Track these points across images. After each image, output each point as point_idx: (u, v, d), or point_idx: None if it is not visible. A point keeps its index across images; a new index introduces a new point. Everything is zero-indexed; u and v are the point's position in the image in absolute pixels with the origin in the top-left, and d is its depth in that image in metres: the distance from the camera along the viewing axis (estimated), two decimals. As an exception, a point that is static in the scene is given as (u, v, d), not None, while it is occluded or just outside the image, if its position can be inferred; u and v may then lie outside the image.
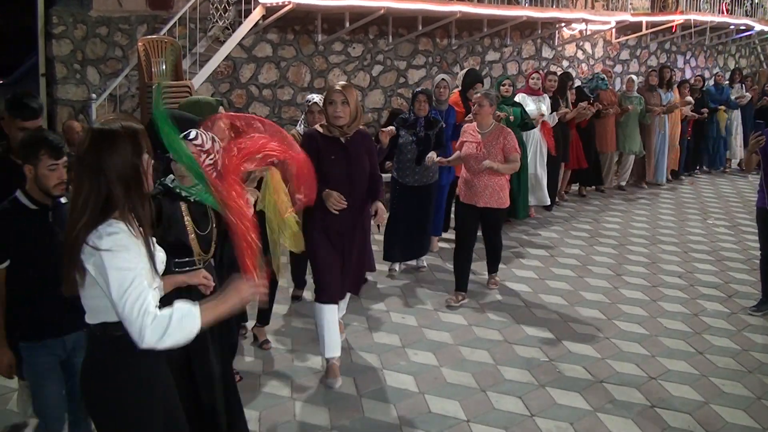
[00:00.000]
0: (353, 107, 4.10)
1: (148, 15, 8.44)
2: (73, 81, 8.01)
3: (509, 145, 5.50)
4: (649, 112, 9.79)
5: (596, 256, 7.04)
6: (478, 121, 5.56)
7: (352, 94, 4.12)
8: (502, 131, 5.57)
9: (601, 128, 9.49)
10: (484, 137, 5.53)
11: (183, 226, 3.05)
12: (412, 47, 10.73)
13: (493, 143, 5.50)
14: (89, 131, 2.26)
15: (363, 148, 4.24)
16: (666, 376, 4.51)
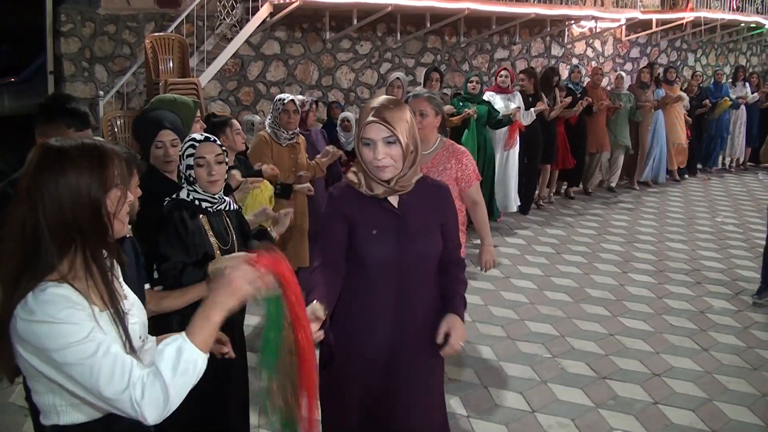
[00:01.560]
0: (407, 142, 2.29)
1: (156, 13, 8.50)
2: (81, 79, 8.07)
3: (466, 172, 3.76)
4: (640, 109, 9.60)
5: (603, 253, 7.00)
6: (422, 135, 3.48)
7: (403, 121, 2.29)
8: (453, 151, 3.78)
9: (593, 127, 9.18)
10: (426, 161, 3.71)
11: (208, 242, 2.78)
12: (421, 45, 10.73)
13: (441, 171, 3.73)
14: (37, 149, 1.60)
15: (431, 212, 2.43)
16: (670, 373, 4.48)
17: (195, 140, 2.80)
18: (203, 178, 2.76)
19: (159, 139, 3.05)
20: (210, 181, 2.76)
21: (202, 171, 2.75)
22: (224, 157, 2.83)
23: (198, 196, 2.80)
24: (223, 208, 2.89)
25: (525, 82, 8.12)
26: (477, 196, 3.85)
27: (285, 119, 4.83)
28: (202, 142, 2.79)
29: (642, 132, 9.78)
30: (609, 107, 9.17)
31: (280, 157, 4.78)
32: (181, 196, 2.82)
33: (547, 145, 8.39)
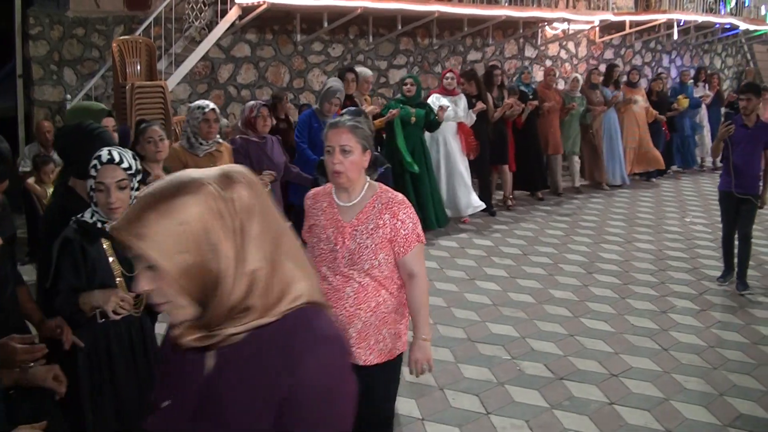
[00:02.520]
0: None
1: (125, 15, 8.45)
2: (49, 82, 8.01)
3: (403, 232, 2.75)
4: (590, 112, 9.50)
5: (569, 254, 7.03)
6: (340, 182, 2.75)
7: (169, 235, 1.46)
8: (387, 202, 2.77)
9: (545, 129, 9.12)
10: (351, 216, 2.78)
11: (108, 268, 2.60)
12: (393, 47, 10.74)
13: (371, 230, 2.74)
14: None
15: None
16: (628, 373, 4.49)
17: (99, 161, 2.58)
18: (102, 204, 2.57)
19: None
20: (110, 208, 2.55)
21: (102, 196, 2.56)
22: (129, 181, 2.61)
23: (101, 219, 2.61)
24: None
25: (465, 85, 8.06)
26: (416, 265, 2.79)
27: (205, 129, 4.52)
28: (104, 165, 2.57)
29: (596, 135, 9.74)
30: (562, 108, 9.13)
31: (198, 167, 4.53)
32: (85, 216, 2.64)
33: (498, 146, 8.31)
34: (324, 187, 2.93)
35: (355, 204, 2.79)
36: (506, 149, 8.48)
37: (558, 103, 9.17)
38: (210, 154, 4.57)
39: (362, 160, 2.75)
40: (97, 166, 2.57)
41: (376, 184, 2.87)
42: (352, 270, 2.73)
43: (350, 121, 2.75)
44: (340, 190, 2.80)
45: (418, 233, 2.78)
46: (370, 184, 2.84)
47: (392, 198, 2.80)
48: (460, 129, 7.79)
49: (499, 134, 8.34)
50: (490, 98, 8.14)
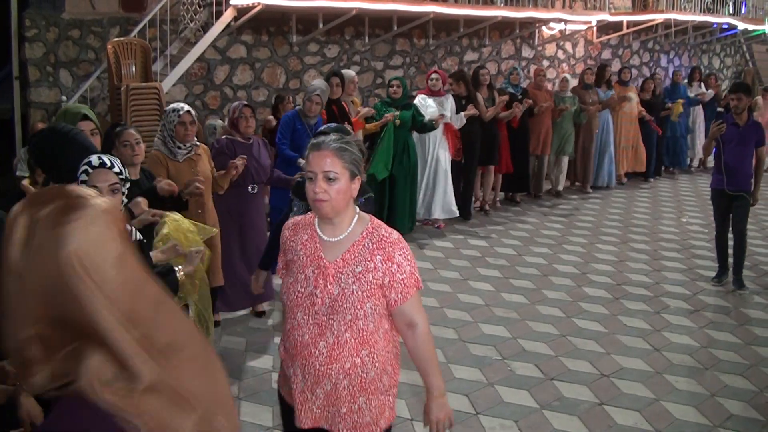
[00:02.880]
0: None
1: (121, 17, 8.45)
2: (46, 84, 8.02)
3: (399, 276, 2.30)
4: (584, 112, 9.39)
5: (564, 254, 7.02)
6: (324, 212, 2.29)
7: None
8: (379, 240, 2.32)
9: (536, 129, 9.03)
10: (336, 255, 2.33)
11: None
12: (389, 48, 10.74)
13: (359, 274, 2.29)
14: None
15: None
16: (619, 373, 4.49)
17: (90, 165, 2.56)
18: None
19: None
20: None
21: None
22: (122, 185, 2.60)
23: None
24: None
25: (454, 86, 8.00)
26: (416, 314, 2.37)
27: (182, 132, 4.38)
28: (95, 169, 2.55)
29: (586, 135, 9.65)
30: (553, 109, 9.06)
31: (178, 173, 4.33)
32: None
33: (488, 147, 8.21)
34: (305, 217, 2.47)
35: (341, 240, 2.33)
36: (496, 150, 8.38)
37: (551, 103, 9.09)
38: (190, 158, 4.46)
39: (350, 189, 2.29)
40: (88, 171, 2.55)
41: (366, 216, 2.41)
42: (331, 320, 2.28)
43: (336, 141, 2.27)
44: (325, 221, 2.34)
45: (416, 278, 2.35)
46: (359, 216, 2.38)
47: (386, 236, 2.33)
48: (447, 130, 7.72)
49: (490, 135, 8.24)
50: (481, 99, 8.09)
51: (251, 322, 5.30)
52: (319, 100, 5.80)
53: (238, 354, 4.73)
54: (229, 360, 4.59)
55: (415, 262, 2.38)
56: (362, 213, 2.41)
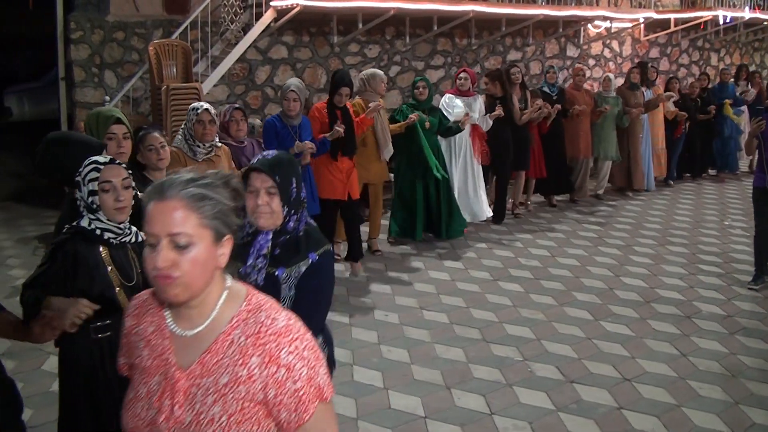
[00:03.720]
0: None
1: (164, 19, 8.69)
2: (91, 84, 8.30)
3: (295, 384, 1.52)
4: (626, 114, 9.04)
5: (599, 257, 6.93)
6: (169, 296, 1.53)
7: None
8: (258, 332, 1.55)
9: (572, 132, 8.69)
10: (190, 357, 1.58)
11: (107, 278, 2.53)
12: (431, 47, 10.74)
13: (222, 390, 1.52)
14: None
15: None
16: (641, 378, 4.42)
17: (98, 163, 2.55)
18: (109, 205, 2.51)
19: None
20: (117, 207, 2.51)
21: (109, 197, 2.50)
22: (131, 181, 2.60)
23: (101, 226, 2.54)
24: (127, 240, 2.62)
25: (490, 85, 7.79)
26: None
27: (200, 131, 4.37)
28: (106, 165, 2.55)
29: (631, 138, 9.32)
30: (593, 111, 8.73)
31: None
32: (81, 224, 2.55)
33: (520, 151, 7.97)
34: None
35: (199, 334, 1.56)
36: (528, 155, 8.14)
37: (589, 105, 8.73)
38: (208, 159, 4.47)
39: (215, 257, 1.53)
40: (99, 168, 2.53)
41: (241, 290, 1.61)
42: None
43: (191, 184, 1.52)
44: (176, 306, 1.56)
45: (318, 384, 1.55)
46: (230, 293, 1.59)
47: (266, 324, 1.55)
48: (474, 132, 7.56)
49: (523, 139, 8.01)
50: (516, 100, 7.88)
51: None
52: (295, 97, 5.47)
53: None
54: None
55: (319, 357, 1.59)
56: (235, 287, 1.61)
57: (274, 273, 2.43)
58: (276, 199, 2.36)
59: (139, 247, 2.58)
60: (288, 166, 2.41)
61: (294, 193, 2.41)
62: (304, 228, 2.49)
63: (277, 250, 2.44)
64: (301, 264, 2.46)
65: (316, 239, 2.50)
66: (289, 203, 2.40)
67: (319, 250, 2.49)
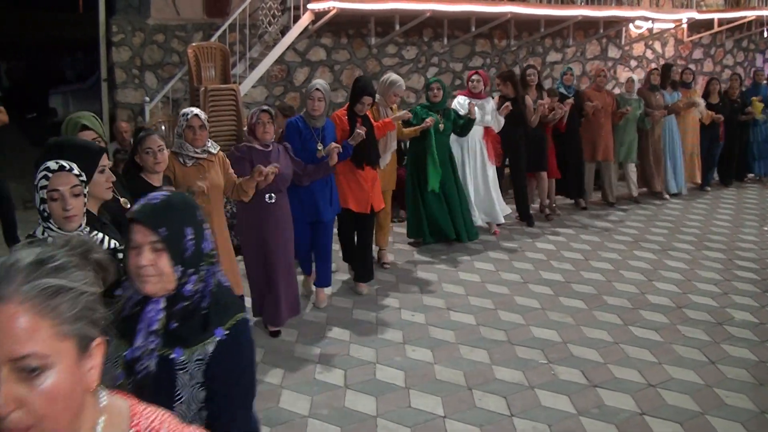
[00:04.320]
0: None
1: (204, 22, 8.88)
2: (132, 85, 8.54)
3: None
4: (648, 116, 8.81)
5: (633, 261, 6.84)
6: None
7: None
8: None
9: (590, 134, 8.48)
10: None
11: None
12: (469, 49, 10.74)
13: None
14: None
15: None
16: (667, 384, 4.36)
17: (49, 170, 2.47)
18: (58, 214, 2.45)
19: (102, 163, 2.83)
20: (66, 216, 2.45)
21: (57, 205, 2.44)
22: (83, 188, 2.51)
23: (54, 234, 2.47)
24: None
25: (502, 86, 7.66)
26: None
27: (190, 135, 4.31)
28: (55, 172, 2.47)
29: (653, 140, 9.08)
30: (614, 113, 8.52)
31: (185, 178, 4.29)
32: (36, 233, 2.52)
33: (535, 152, 7.85)
34: None
35: None
36: (545, 155, 8.00)
37: (610, 107, 8.54)
38: (199, 164, 4.36)
39: (80, 378, 1.06)
40: (48, 176, 2.46)
41: (123, 409, 1.19)
42: None
43: (36, 274, 1.03)
44: None
45: None
46: (107, 419, 1.14)
47: None
48: (487, 134, 7.40)
49: (537, 139, 7.87)
50: (529, 101, 7.71)
51: (306, 315, 5.46)
52: (320, 96, 5.24)
53: (287, 344, 4.90)
54: (276, 350, 4.79)
55: None
56: (114, 405, 1.17)
57: (168, 356, 1.86)
58: (164, 257, 1.81)
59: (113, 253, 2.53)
60: (180, 212, 1.87)
61: (190, 246, 1.85)
62: (212, 290, 1.92)
63: (173, 324, 1.86)
64: (207, 343, 1.89)
65: (225, 305, 1.95)
66: (184, 261, 1.83)
67: (228, 323, 1.93)
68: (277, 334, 5.02)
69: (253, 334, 4.74)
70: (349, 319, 5.34)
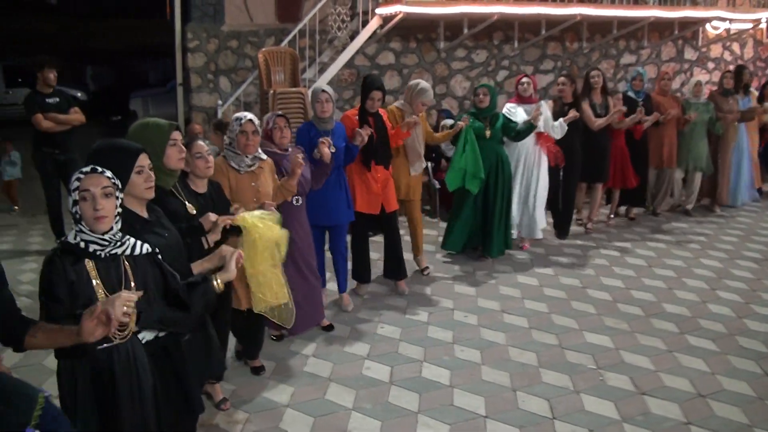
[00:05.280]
0: None
1: (276, 28, 9.17)
2: (206, 89, 8.92)
3: None
4: (719, 121, 8.33)
5: (697, 269, 6.67)
6: None
7: None
8: None
9: (655, 140, 8.12)
10: None
11: (91, 291, 2.43)
12: (540, 52, 10.67)
13: None
14: None
15: None
16: (717, 395, 4.28)
17: (81, 172, 2.50)
18: (89, 215, 2.44)
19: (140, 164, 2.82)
20: (96, 216, 2.44)
21: (87, 206, 2.44)
22: (115, 189, 2.51)
23: (85, 238, 2.47)
24: (119, 252, 2.54)
25: (566, 87, 7.23)
26: None
27: (243, 141, 4.20)
28: (87, 174, 2.49)
29: (723, 147, 8.62)
30: (680, 118, 8.14)
31: (239, 186, 4.23)
32: (68, 238, 2.51)
33: (594, 161, 7.45)
34: None
35: None
36: (605, 165, 7.59)
37: (677, 112, 8.18)
38: (252, 171, 4.30)
39: None
40: (80, 177, 2.49)
41: None
42: None
43: None
44: None
45: None
46: None
47: None
48: (539, 139, 6.95)
49: (599, 148, 7.48)
50: (587, 106, 7.37)
51: (361, 312, 5.61)
52: (327, 97, 5.15)
53: (339, 340, 5.07)
54: (328, 345, 4.97)
55: None
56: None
57: None
58: None
59: (135, 261, 2.58)
60: None
61: None
62: None
63: None
64: None
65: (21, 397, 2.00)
66: None
67: (33, 417, 1.93)
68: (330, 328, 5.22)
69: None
70: (401, 318, 5.45)
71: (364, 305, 5.74)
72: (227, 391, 4.26)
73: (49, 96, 6.89)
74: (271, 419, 3.98)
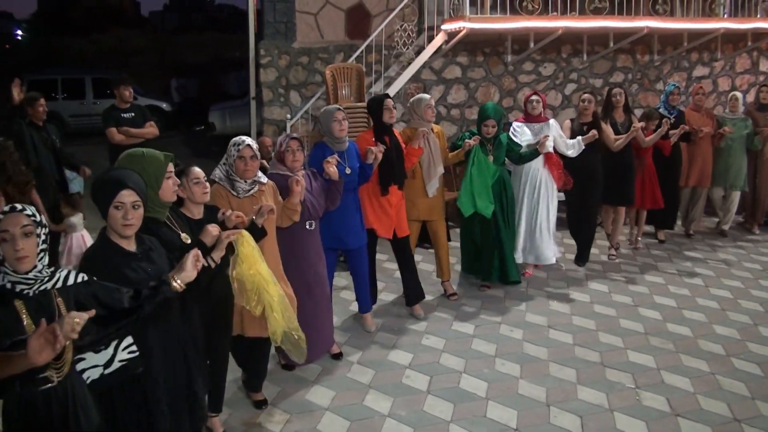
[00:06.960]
0: None
1: (345, 44, 9.53)
2: (277, 103, 9.36)
3: None
4: (758, 135, 8.02)
5: (754, 290, 6.58)
6: None
7: None
8: None
9: (689, 158, 7.88)
10: None
11: (22, 331, 2.37)
12: (610, 64, 10.62)
13: None
14: None
15: None
16: (754, 420, 4.27)
17: (2, 212, 2.47)
18: (10, 255, 2.40)
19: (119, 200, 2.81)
20: (17, 258, 2.40)
21: (8, 246, 2.40)
22: (35, 228, 2.45)
23: (11, 279, 2.42)
24: (51, 285, 2.50)
25: (590, 105, 6.93)
26: None
27: (241, 167, 4.06)
28: (6, 214, 2.44)
29: (761, 164, 8.22)
30: (715, 134, 7.84)
31: (242, 211, 3.91)
32: None
33: (617, 182, 7.14)
34: None
35: None
36: (630, 187, 7.24)
37: (711, 128, 7.92)
38: (252, 195, 4.16)
39: None
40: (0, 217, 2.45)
41: None
42: None
43: None
44: None
45: None
46: None
47: None
48: (548, 161, 6.59)
49: (622, 168, 7.18)
50: (607, 127, 7.11)
51: (408, 322, 5.83)
52: (344, 116, 5.11)
53: (383, 348, 5.31)
54: (371, 353, 5.22)
55: None
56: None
57: None
58: None
59: (67, 292, 2.55)
60: None
61: None
62: None
63: None
64: None
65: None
66: None
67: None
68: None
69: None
70: (447, 330, 5.65)
71: (410, 316, 5.96)
72: (273, 392, 4.58)
73: (125, 111, 7.30)
74: (310, 421, 4.26)
